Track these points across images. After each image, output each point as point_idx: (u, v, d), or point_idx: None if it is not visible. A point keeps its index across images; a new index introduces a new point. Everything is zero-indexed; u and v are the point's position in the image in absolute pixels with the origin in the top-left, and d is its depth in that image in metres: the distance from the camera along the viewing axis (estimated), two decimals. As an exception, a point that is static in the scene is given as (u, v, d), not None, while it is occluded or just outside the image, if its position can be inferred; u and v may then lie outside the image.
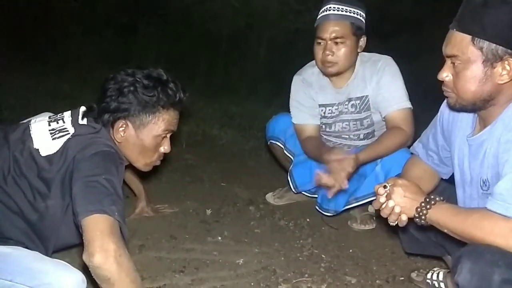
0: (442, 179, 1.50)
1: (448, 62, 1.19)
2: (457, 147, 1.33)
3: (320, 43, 1.90)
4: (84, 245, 1.08)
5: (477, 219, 1.10)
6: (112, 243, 1.06)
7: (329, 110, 2.04)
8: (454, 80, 1.19)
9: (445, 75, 1.20)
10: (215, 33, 5.18)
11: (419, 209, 1.19)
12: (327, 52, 1.87)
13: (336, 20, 1.86)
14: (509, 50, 1.11)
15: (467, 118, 1.31)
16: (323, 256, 1.89)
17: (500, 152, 1.14)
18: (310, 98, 2.05)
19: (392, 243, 1.98)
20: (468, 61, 1.14)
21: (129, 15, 5.03)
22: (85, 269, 1.24)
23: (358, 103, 1.98)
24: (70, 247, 1.47)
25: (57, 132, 1.28)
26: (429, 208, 1.18)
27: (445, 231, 1.17)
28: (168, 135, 1.41)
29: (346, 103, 2.00)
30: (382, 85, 1.91)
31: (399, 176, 1.47)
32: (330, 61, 1.89)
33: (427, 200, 1.19)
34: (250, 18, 5.31)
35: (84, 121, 1.32)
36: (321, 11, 1.91)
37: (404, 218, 1.22)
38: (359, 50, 1.94)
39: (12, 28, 4.68)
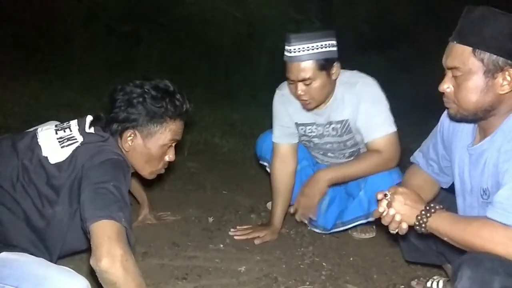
0: (442, 188, 1.52)
1: (449, 74, 1.21)
2: (458, 156, 1.35)
3: (290, 82, 1.82)
4: (91, 250, 1.11)
5: (477, 227, 1.11)
6: (119, 248, 1.09)
7: (309, 129, 1.98)
8: (455, 91, 1.21)
9: (446, 86, 1.22)
10: (217, 42, 5.23)
11: (419, 217, 1.21)
12: (299, 93, 1.79)
13: (300, 61, 1.75)
14: (509, 61, 1.13)
15: (467, 128, 1.33)
16: (324, 264, 1.90)
17: (500, 161, 1.16)
18: (288, 116, 1.98)
19: (393, 252, 1.99)
20: (469, 72, 1.16)
21: (132, 24, 5.08)
22: (90, 276, 1.26)
23: (339, 127, 1.93)
24: (75, 253, 1.49)
25: (66, 140, 1.31)
26: (429, 216, 1.20)
27: (445, 239, 1.18)
28: (173, 144, 1.45)
29: (327, 126, 1.94)
30: (361, 111, 1.84)
31: (399, 184, 1.49)
32: (304, 100, 1.82)
33: (427, 208, 1.21)
34: (251, 28, 5.37)
35: (92, 130, 1.35)
36: (285, 47, 1.78)
37: (404, 226, 1.24)
38: (333, 78, 1.84)
39: (17, 37, 4.72)
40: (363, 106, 1.84)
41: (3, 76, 4.10)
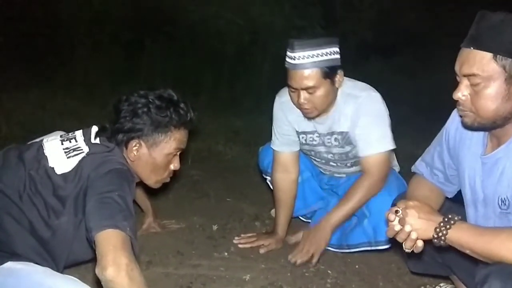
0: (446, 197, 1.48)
1: (465, 81, 1.14)
2: (467, 165, 1.29)
3: (292, 90, 1.79)
4: (97, 259, 1.11)
5: (505, 240, 1.06)
6: (124, 257, 1.09)
7: (310, 137, 1.96)
8: (473, 99, 1.14)
9: (461, 94, 1.16)
10: (220, 50, 5.25)
11: (438, 230, 1.13)
12: (302, 101, 1.76)
13: (304, 69, 1.71)
14: None
15: (476, 136, 1.28)
16: (329, 272, 1.89)
17: None
18: (288, 124, 1.95)
19: (398, 259, 1.98)
20: (489, 79, 1.11)
21: (135, 32, 5.11)
22: (95, 285, 1.26)
23: (340, 138, 1.90)
24: (80, 263, 1.50)
25: (72, 150, 1.32)
26: (449, 228, 1.12)
27: (467, 251, 1.12)
28: (178, 153, 1.46)
29: (329, 137, 1.91)
30: (360, 125, 1.82)
31: (403, 196, 1.45)
32: (306, 108, 1.79)
33: (446, 220, 1.13)
34: (254, 35, 5.39)
35: (97, 140, 1.37)
36: (287, 54, 1.75)
37: (420, 244, 1.16)
38: (337, 86, 1.81)
39: (21, 46, 4.77)
40: (362, 119, 1.81)
41: (7, 85, 4.13)
